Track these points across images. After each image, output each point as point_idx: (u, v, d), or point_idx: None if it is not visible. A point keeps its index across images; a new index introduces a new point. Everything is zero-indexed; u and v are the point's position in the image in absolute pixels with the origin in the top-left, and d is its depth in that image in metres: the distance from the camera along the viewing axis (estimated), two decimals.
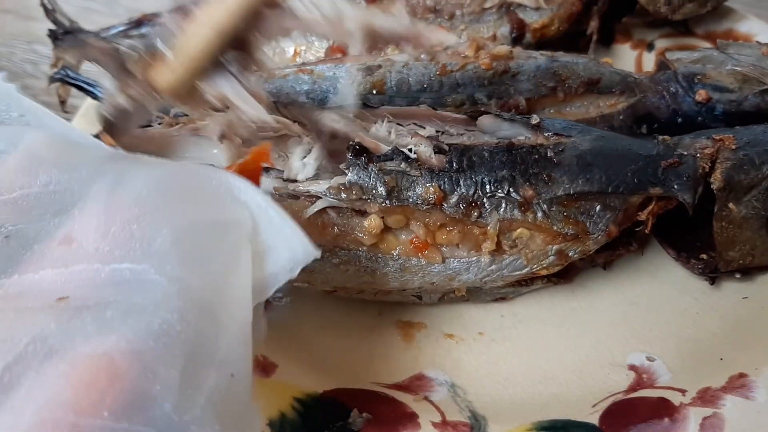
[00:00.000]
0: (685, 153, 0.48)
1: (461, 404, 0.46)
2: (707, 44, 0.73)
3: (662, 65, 0.61)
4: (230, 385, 0.28)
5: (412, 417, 0.44)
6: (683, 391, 0.45)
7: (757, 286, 0.52)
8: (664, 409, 0.44)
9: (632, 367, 0.48)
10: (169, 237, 0.30)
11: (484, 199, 0.46)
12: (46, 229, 0.32)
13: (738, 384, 0.45)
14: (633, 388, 0.47)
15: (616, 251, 0.52)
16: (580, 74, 0.57)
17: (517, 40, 0.67)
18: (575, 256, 0.49)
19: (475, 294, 0.52)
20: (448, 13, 0.69)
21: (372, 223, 0.46)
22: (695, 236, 0.52)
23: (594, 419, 0.44)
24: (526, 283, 0.52)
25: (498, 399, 0.47)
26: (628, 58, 0.75)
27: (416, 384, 0.48)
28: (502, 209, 0.47)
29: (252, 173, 0.45)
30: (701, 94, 0.55)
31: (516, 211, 0.47)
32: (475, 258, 0.48)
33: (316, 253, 0.32)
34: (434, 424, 0.44)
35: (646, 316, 0.52)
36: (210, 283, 0.30)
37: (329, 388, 0.46)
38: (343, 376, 0.47)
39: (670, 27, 0.77)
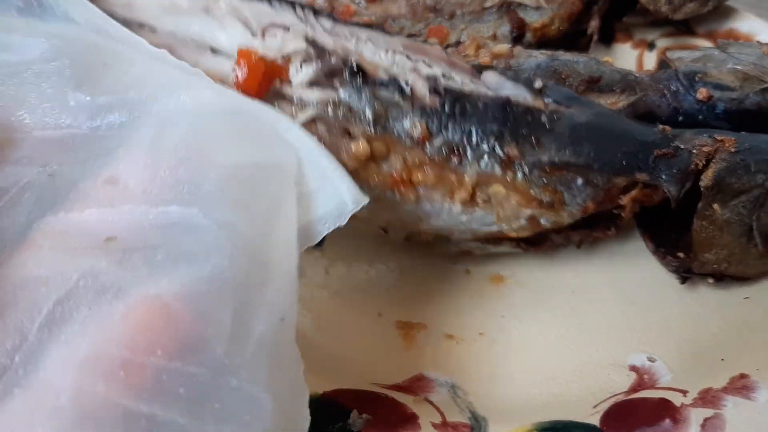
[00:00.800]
0: (682, 146, 0.48)
1: (461, 405, 0.46)
2: (708, 44, 0.73)
3: (663, 64, 0.61)
4: (279, 329, 0.28)
5: (412, 418, 0.44)
6: (684, 392, 0.45)
7: (759, 286, 0.52)
8: (665, 410, 0.44)
9: (633, 368, 0.48)
10: (216, 180, 0.30)
11: (468, 149, 0.46)
12: (90, 168, 0.31)
13: (739, 385, 0.45)
14: (634, 389, 0.47)
15: (592, 232, 0.52)
16: (580, 72, 0.57)
17: (517, 39, 0.67)
18: (547, 224, 0.49)
19: (442, 243, 0.52)
20: (448, 12, 0.69)
21: (359, 148, 0.45)
22: (679, 235, 0.52)
23: (595, 420, 0.44)
24: (493, 242, 0.52)
25: (498, 400, 0.47)
26: (628, 58, 0.75)
27: (416, 385, 0.48)
28: (483, 162, 0.46)
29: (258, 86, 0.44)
30: (702, 93, 0.55)
31: (497, 167, 0.46)
32: (447, 204, 0.48)
33: (365, 200, 0.31)
34: (434, 425, 0.44)
35: (647, 316, 0.51)
36: (257, 228, 0.30)
37: (329, 389, 0.45)
38: (343, 376, 0.47)
39: (671, 26, 0.76)
